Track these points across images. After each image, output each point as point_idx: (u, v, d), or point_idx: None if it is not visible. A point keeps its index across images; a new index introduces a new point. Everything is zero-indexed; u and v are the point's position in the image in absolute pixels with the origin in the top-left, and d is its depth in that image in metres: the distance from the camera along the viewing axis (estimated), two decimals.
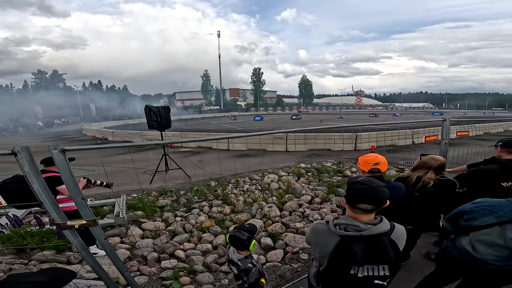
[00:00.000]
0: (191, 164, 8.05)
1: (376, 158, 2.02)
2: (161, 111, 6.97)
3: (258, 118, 35.06)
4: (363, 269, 1.18)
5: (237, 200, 5.08)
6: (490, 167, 2.27)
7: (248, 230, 1.73)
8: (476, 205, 1.57)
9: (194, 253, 3.28)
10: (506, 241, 1.42)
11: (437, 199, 2.13)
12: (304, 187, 5.70)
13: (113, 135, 19.14)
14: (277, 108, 69.46)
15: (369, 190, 1.18)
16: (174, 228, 3.94)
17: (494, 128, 16.70)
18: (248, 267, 1.70)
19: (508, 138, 2.36)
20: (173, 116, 40.14)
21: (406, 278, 2.35)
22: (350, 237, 1.18)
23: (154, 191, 5.75)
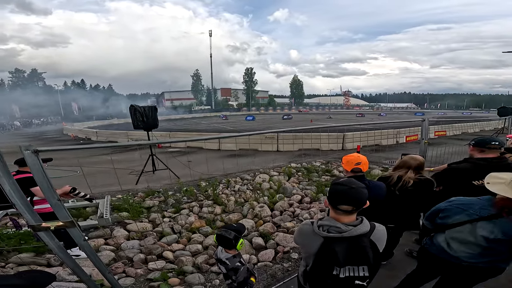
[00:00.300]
0: (180, 164, 7.96)
1: (358, 158, 2.10)
2: (147, 111, 6.91)
3: (250, 118, 35.38)
4: (344, 269, 1.23)
5: (228, 200, 5.11)
6: (462, 166, 2.36)
7: (235, 229, 1.75)
8: (450, 204, 1.64)
9: (183, 254, 3.27)
10: (477, 238, 1.49)
11: (417, 198, 2.23)
12: (295, 186, 5.80)
13: (97, 135, 18.66)
14: (268, 108, 70.62)
15: (349, 191, 1.23)
16: (162, 229, 3.90)
17: (471, 128, 17.48)
18: (236, 266, 1.73)
19: (480, 137, 2.45)
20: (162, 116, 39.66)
21: (389, 276, 2.45)
22: (333, 239, 1.22)
23: (140, 192, 5.67)
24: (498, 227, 1.42)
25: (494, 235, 1.43)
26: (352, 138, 11.09)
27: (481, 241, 1.48)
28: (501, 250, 1.46)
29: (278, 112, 63.13)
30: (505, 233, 1.40)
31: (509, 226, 1.40)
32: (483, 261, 1.53)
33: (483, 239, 1.46)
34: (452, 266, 1.62)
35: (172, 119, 44.62)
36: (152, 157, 7.36)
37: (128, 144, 7.53)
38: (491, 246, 1.47)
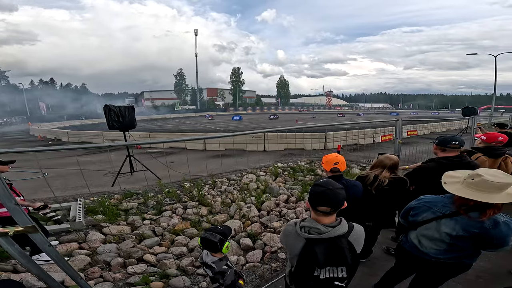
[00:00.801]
0: (161, 165, 7.79)
1: (336, 158, 2.22)
2: (123, 110, 6.79)
3: (237, 118, 35.72)
4: (324, 271, 1.28)
5: (214, 201, 5.09)
6: (428, 165, 2.51)
7: (220, 232, 1.74)
8: (419, 202, 1.75)
9: (167, 256, 3.20)
10: (441, 235, 1.59)
11: (392, 197, 2.36)
12: (281, 186, 5.93)
13: (68, 136, 17.86)
14: (256, 108, 72.19)
15: (326, 192, 1.28)
16: (142, 232, 3.80)
17: (439, 127, 18.70)
18: (223, 270, 1.73)
19: (442, 136, 2.56)
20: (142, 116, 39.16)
21: (369, 273, 2.57)
22: (313, 240, 1.28)
23: (117, 194, 5.51)
24: (459, 224, 1.52)
25: (456, 232, 1.53)
26: (333, 138, 11.63)
27: (445, 238, 1.58)
28: (464, 246, 1.56)
29: (265, 112, 64.79)
30: (465, 230, 1.50)
31: (468, 223, 1.49)
32: (449, 257, 1.63)
33: (447, 235, 1.56)
34: (423, 262, 1.72)
35: (153, 119, 44.10)
36: (130, 158, 7.20)
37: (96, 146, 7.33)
38: (454, 243, 1.56)
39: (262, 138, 11.28)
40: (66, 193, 5.53)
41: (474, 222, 1.47)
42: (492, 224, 1.43)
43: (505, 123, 5.47)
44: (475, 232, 1.47)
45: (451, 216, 1.54)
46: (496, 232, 1.42)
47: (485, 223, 1.44)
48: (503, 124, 5.57)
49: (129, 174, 7.16)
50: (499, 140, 2.89)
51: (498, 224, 1.42)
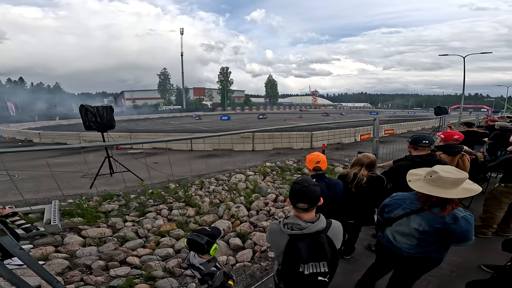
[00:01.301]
0: (144, 166, 7.68)
1: (318, 156, 2.33)
2: (101, 111, 6.74)
3: (225, 118, 35.94)
4: (308, 266, 1.37)
5: (202, 202, 5.11)
6: (402, 163, 2.70)
7: (208, 234, 1.76)
8: (391, 199, 1.89)
9: (152, 258, 3.20)
10: (411, 230, 1.71)
11: (370, 194, 2.51)
12: (270, 185, 6.09)
13: (40, 137, 17.19)
14: (244, 107, 73.47)
15: (303, 189, 1.38)
16: (124, 234, 3.77)
17: (415, 126, 19.98)
18: (211, 271, 1.75)
19: (415, 135, 2.77)
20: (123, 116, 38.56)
21: (352, 270, 2.72)
22: (296, 236, 1.36)
23: (96, 196, 5.41)
24: (424, 220, 1.65)
25: (422, 227, 1.66)
26: (321, 137, 12.21)
27: (415, 233, 1.70)
28: (431, 241, 1.69)
29: (254, 111, 65.95)
30: (430, 225, 1.63)
31: (432, 218, 1.62)
32: (419, 252, 1.75)
33: (416, 231, 1.69)
34: (398, 257, 1.85)
35: (134, 119, 43.54)
36: (109, 159, 7.12)
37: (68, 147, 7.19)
38: (423, 238, 1.69)
39: (250, 138, 11.50)
40: (39, 196, 5.35)
41: (437, 218, 1.60)
42: (452, 219, 1.56)
43: (472, 122, 5.83)
44: (439, 227, 1.60)
45: (417, 212, 1.68)
46: (456, 227, 1.56)
47: (446, 218, 1.57)
48: (470, 123, 5.98)
49: (109, 175, 7.03)
50: (455, 139, 3.19)
51: (457, 219, 1.56)
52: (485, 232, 3.38)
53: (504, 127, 5.56)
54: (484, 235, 3.37)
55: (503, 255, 2.05)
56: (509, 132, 5.27)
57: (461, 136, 3.22)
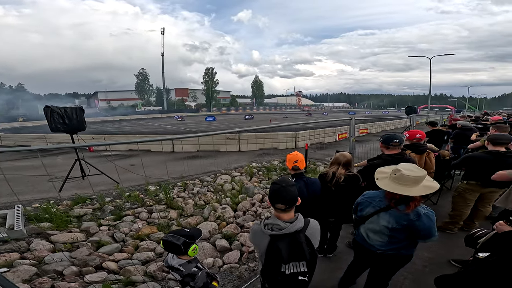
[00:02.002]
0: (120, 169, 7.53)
1: (296, 156, 2.48)
2: (70, 112, 6.64)
3: (211, 119, 36.26)
4: (289, 266, 1.46)
5: (185, 204, 5.11)
6: (374, 162, 2.87)
7: (186, 234, 1.78)
8: (363, 197, 2.02)
9: (131, 263, 3.15)
10: (381, 227, 1.83)
11: (348, 193, 2.66)
12: (256, 186, 6.22)
13: (1, 140, 16.39)
14: (231, 108, 75.48)
15: (280, 190, 1.47)
16: (99, 238, 3.69)
17: (388, 126, 21.59)
18: (192, 272, 1.76)
19: (386, 135, 2.94)
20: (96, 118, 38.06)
21: (335, 268, 2.88)
22: (277, 236, 1.44)
23: (66, 200, 5.25)
24: (392, 217, 1.77)
25: (391, 225, 1.78)
26: (302, 137, 12.94)
27: (385, 230, 1.82)
28: (400, 238, 1.81)
29: (240, 112, 67.63)
30: (398, 222, 1.75)
31: (399, 216, 1.74)
32: (390, 248, 1.87)
33: (385, 228, 1.81)
34: (372, 254, 1.97)
35: (109, 120, 43.19)
36: (80, 161, 6.99)
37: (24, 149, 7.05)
38: (393, 235, 1.81)
39: (236, 139, 11.72)
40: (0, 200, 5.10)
41: (403, 215, 1.72)
42: (416, 216, 1.69)
43: (435, 121, 6.21)
44: (405, 224, 1.73)
45: (385, 209, 1.80)
46: (420, 224, 1.68)
47: (410, 215, 1.70)
48: (434, 122, 6.40)
49: (81, 178, 6.85)
50: (417, 137, 3.46)
51: (420, 216, 1.68)
52: (452, 228, 3.60)
53: (465, 126, 6.03)
54: (451, 231, 3.60)
55: (469, 250, 2.22)
56: (469, 131, 5.73)
57: (423, 135, 3.51)
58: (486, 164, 2.96)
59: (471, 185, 3.27)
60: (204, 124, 29.60)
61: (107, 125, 33.37)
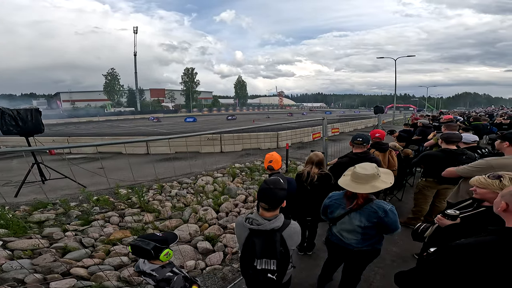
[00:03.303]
0: (88, 172, 7.43)
1: (271, 156, 2.74)
2: (24, 114, 6.62)
3: (191, 120, 36.74)
4: (261, 262, 1.61)
5: (162, 206, 5.15)
6: (342, 160, 3.22)
7: (158, 239, 1.82)
8: (330, 200, 2.25)
9: (102, 268, 3.14)
10: (354, 227, 2.05)
11: (322, 191, 2.87)
12: (239, 186, 6.42)
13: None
14: (212, 109, 77.42)
15: (267, 190, 1.63)
16: (65, 244, 3.64)
17: (359, 125, 23.65)
18: (167, 277, 1.78)
19: (355, 134, 3.27)
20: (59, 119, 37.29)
21: (314, 265, 3.14)
22: (254, 231, 1.61)
23: (23, 205, 5.14)
24: (363, 216, 2.00)
25: (363, 223, 2.00)
26: (283, 137, 13.99)
27: (358, 229, 2.05)
28: (372, 234, 2.06)
29: (222, 112, 69.41)
30: (369, 220, 1.98)
31: (369, 214, 1.97)
32: (366, 245, 2.11)
33: (358, 227, 2.04)
34: (348, 252, 2.19)
35: (74, 122, 42.81)
36: (38, 165, 6.88)
37: None
38: (366, 232, 2.04)
39: (218, 139, 12.05)
40: None
41: (372, 213, 1.96)
42: (384, 213, 1.94)
43: (393, 130, 6.66)
44: (375, 221, 1.97)
45: (355, 210, 2.03)
46: (388, 219, 1.94)
47: (379, 212, 1.95)
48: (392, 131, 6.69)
49: (40, 183, 6.73)
50: (377, 137, 3.88)
51: (387, 212, 1.94)
52: (415, 223, 3.89)
53: (425, 125, 6.68)
54: (414, 226, 3.87)
55: None
56: (429, 129, 6.40)
57: (382, 134, 3.92)
58: (440, 162, 3.28)
59: (429, 182, 3.63)
60: (183, 126, 29.57)
61: (72, 127, 32.89)
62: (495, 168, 2.39)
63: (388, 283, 1.40)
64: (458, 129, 4.60)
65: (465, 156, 3.21)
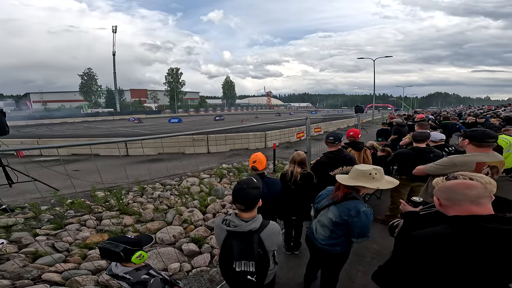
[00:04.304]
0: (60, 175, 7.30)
1: (255, 157, 2.88)
2: None
3: (175, 121, 37.31)
4: (240, 264, 1.65)
5: (144, 209, 5.12)
6: (321, 159, 3.46)
7: (129, 241, 1.84)
8: (324, 191, 2.38)
9: (78, 273, 3.11)
10: (327, 220, 2.15)
11: (305, 190, 3.13)
12: (227, 187, 6.52)
13: None
14: (199, 109, 79.07)
15: (240, 191, 1.70)
16: (35, 249, 3.56)
17: (342, 124, 25.74)
18: (142, 279, 1.79)
19: (331, 132, 3.51)
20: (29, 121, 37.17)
21: (300, 264, 3.24)
22: (232, 233, 1.67)
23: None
24: (338, 211, 2.09)
25: (335, 218, 2.09)
26: (271, 137, 14.74)
27: (329, 224, 2.14)
28: (338, 233, 2.14)
29: (210, 113, 71.27)
30: (341, 216, 2.06)
31: (343, 210, 2.05)
32: (328, 244, 2.21)
33: (330, 221, 2.12)
34: (314, 247, 2.31)
35: (46, 123, 42.85)
36: (4, 168, 6.72)
37: None
38: (333, 229, 2.13)
39: (205, 140, 12.30)
40: None
41: (346, 209, 2.04)
42: (356, 212, 1.99)
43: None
44: (345, 219, 2.04)
45: (336, 203, 2.13)
46: (357, 221, 1.99)
47: (351, 211, 2.01)
48: None
49: (7, 186, 6.55)
50: (351, 135, 4.19)
51: (359, 213, 1.99)
52: (391, 220, 4.07)
53: (399, 123, 7.14)
54: None
55: None
56: (403, 127, 6.88)
57: (356, 133, 4.22)
58: (411, 160, 3.55)
59: (403, 180, 3.84)
60: (167, 126, 29.66)
61: (44, 128, 32.53)
62: (458, 165, 2.60)
63: (369, 280, 1.52)
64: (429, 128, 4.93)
65: (432, 154, 3.49)
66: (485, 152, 2.61)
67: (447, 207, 1.34)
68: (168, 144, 11.72)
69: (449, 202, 1.33)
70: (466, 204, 1.26)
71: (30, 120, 44.38)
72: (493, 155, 2.61)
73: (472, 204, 1.25)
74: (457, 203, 1.29)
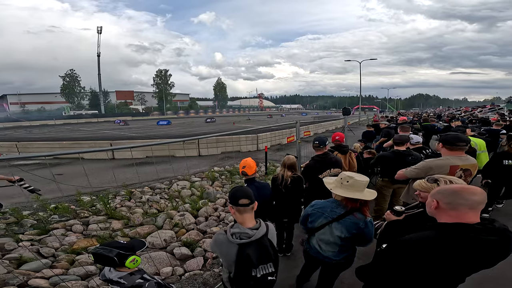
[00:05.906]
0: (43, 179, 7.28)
1: (245, 162, 3.04)
2: None
3: (164, 123, 37.58)
4: (259, 269, 1.77)
5: (132, 213, 5.19)
6: (309, 163, 3.66)
7: (121, 246, 1.91)
8: (312, 208, 2.37)
9: (67, 278, 3.16)
10: (334, 238, 2.21)
11: (295, 194, 3.34)
12: (219, 190, 6.68)
13: None
14: (190, 111, 79.50)
15: (240, 188, 1.87)
16: (20, 255, 3.60)
17: (330, 126, 26.73)
18: (137, 284, 1.86)
19: (317, 136, 3.70)
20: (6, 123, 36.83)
21: (292, 265, 3.41)
22: (245, 244, 1.75)
23: None
24: (344, 227, 2.16)
25: (343, 234, 2.16)
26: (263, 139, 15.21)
27: (337, 240, 2.21)
28: (348, 245, 2.26)
29: (201, 115, 72.14)
30: (349, 231, 2.14)
31: (350, 225, 2.13)
32: (343, 257, 2.31)
33: (338, 238, 2.20)
34: (326, 264, 2.40)
35: (25, 126, 42.82)
36: None
37: None
38: (343, 244, 2.23)
39: (195, 143, 12.44)
40: None
41: (353, 224, 2.12)
42: (364, 224, 2.12)
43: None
44: (355, 233, 2.14)
45: (337, 220, 2.18)
46: (367, 231, 2.13)
47: (360, 223, 2.11)
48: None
49: None
50: (336, 139, 4.39)
51: (367, 224, 2.13)
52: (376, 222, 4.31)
53: (388, 126, 7.50)
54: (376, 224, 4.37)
55: None
56: (391, 129, 7.18)
57: (341, 137, 4.44)
58: (391, 163, 3.77)
59: (385, 182, 4.08)
60: (155, 129, 29.39)
61: (22, 131, 32.24)
62: (434, 169, 2.75)
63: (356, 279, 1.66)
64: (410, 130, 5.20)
65: (411, 157, 3.72)
66: (458, 155, 2.77)
67: (443, 212, 1.38)
68: (157, 147, 11.55)
69: (449, 206, 1.35)
70: (464, 209, 1.31)
71: (7, 123, 44.28)
72: (466, 158, 2.77)
73: (470, 210, 1.31)
74: (456, 207, 1.33)
